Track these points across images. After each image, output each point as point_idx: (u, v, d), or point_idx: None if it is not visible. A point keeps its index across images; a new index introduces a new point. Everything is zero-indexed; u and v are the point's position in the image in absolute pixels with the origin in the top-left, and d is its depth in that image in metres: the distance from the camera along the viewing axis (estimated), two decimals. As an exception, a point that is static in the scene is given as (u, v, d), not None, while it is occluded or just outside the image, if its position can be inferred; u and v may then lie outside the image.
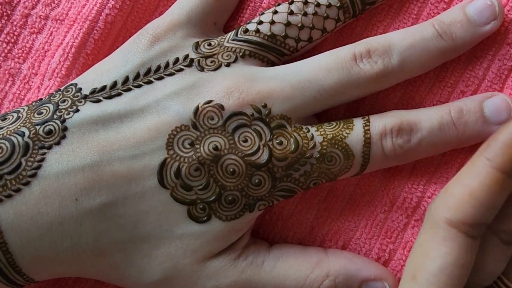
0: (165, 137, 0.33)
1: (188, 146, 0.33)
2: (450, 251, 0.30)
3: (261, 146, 0.33)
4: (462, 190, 0.30)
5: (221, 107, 0.33)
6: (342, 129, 0.34)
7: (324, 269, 0.35)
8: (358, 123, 0.35)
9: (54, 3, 0.40)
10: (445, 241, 0.30)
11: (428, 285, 0.30)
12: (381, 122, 0.35)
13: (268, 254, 0.36)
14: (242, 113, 0.33)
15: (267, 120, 0.34)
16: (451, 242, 0.30)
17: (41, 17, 0.40)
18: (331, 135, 0.34)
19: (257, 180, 0.33)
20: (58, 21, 0.40)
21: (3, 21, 0.40)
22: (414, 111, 0.36)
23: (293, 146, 0.33)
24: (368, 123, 0.35)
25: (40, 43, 0.40)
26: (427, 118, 0.35)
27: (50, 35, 0.40)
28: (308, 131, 0.34)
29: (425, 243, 0.31)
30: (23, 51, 0.40)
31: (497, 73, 0.37)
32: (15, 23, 0.40)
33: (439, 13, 0.37)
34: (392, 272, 0.37)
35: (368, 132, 0.34)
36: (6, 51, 0.40)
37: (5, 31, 0.40)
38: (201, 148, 0.33)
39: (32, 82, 0.39)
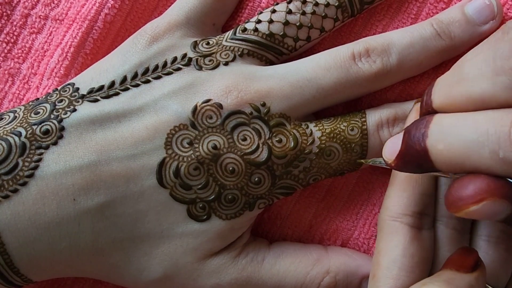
0: (164, 136, 0.32)
1: (187, 145, 0.32)
2: (397, 243, 0.32)
3: (260, 145, 0.33)
4: (392, 189, 0.33)
5: (219, 106, 0.32)
6: (340, 123, 0.34)
7: (325, 266, 0.34)
8: (354, 116, 0.34)
9: (53, 3, 0.40)
10: (392, 236, 0.32)
11: (384, 279, 0.31)
12: (376, 114, 0.34)
13: (268, 252, 0.35)
14: (240, 111, 0.33)
15: (266, 118, 0.33)
16: (397, 235, 0.32)
17: (41, 17, 0.40)
18: (329, 129, 0.34)
19: (256, 179, 0.32)
20: (58, 21, 0.39)
21: (3, 21, 0.40)
22: (409, 102, 0.35)
23: (292, 143, 0.33)
24: (364, 115, 0.34)
25: (40, 43, 0.39)
26: None
27: (50, 35, 0.39)
28: (307, 127, 0.33)
29: (378, 244, 0.33)
30: (22, 51, 0.39)
31: None
32: (14, 23, 0.40)
33: (438, 13, 0.37)
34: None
35: (365, 123, 0.34)
36: (6, 51, 0.39)
37: (4, 31, 0.40)
38: (200, 147, 0.32)
39: (32, 82, 0.39)
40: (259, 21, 0.35)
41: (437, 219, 0.34)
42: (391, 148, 0.29)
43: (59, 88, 0.34)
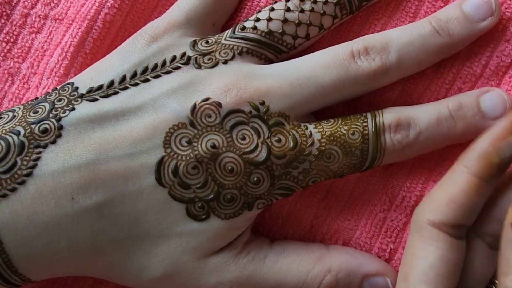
0: (162, 135, 0.31)
1: (186, 144, 0.31)
2: (436, 249, 0.30)
3: (260, 144, 0.32)
4: (443, 194, 0.31)
5: (218, 105, 0.32)
6: (340, 126, 0.33)
7: (326, 264, 0.34)
8: (356, 120, 0.33)
9: (53, 3, 0.39)
10: (430, 240, 0.31)
11: (419, 283, 0.30)
12: (379, 118, 0.34)
13: (270, 250, 0.34)
14: (239, 110, 0.32)
15: (265, 117, 0.32)
16: (436, 241, 0.30)
17: (41, 16, 0.39)
18: (330, 132, 0.33)
19: (255, 178, 0.32)
20: (57, 20, 0.39)
21: (3, 21, 0.39)
22: (412, 107, 0.35)
23: (291, 144, 0.32)
24: (366, 120, 0.33)
25: (39, 43, 0.39)
26: (425, 113, 0.34)
27: (49, 34, 0.39)
28: (307, 128, 0.33)
29: (412, 244, 0.31)
30: (22, 50, 0.39)
31: (494, 70, 0.36)
32: (14, 22, 0.39)
33: (436, 11, 0.36)
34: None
35: (366, 128, 0.33)
36: (5, 50, 0.39)
37: (4, 31, 0.39)
38: (199, 146, 0.31)
39: (31, 81, 0.38)
40: (257, 20, 0.34)
41: (479, 234, 0.32)
42: None
43: (58, 87, 0.34)
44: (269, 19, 0.34)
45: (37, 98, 0.34)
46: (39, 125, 0.31)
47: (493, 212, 0.32)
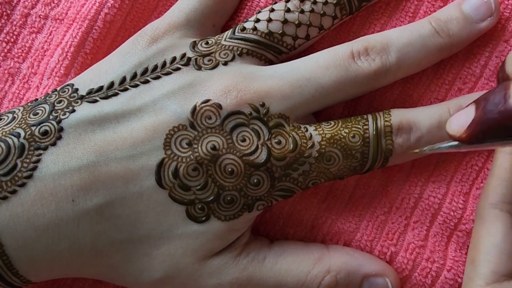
0: (163, 137, 0.31)
1: (186, 146, 0.31)
2: (498, 230, 0.31)
3: (260, 146, 0.32)
4: (493, 178, 0.33)
5: (219, 106, 0.31)
6: (341, 129, 0.33)
7: (326, 265, 0.33)
8: (356, 123, 0.33)
9: (53, 3, 0.39)
10: (492, 223, 0.32)
11: (485, 263, 0.31)
12: (379, 121, 0.33)
13: (269, 251, 0.34)
14: (240, 112, 0.32)
15: (265, 119, 0.32)
16: (497, 222, 0.32)
17: (41, 16, 0.39)
18: (330, 135, 0.32)
19: (255, 180, 0.31)
20: (58, 20, 0.39)
21: (3, 21, 0.39)
22: (414, 110, 0.34)
23: (291, 146, 0.32)
24: (367, 123, 0.33)
25: (40, 43, 0.39)
26: (427, 116, 0.33)
27: (50, 34, 0.39)
28: (307, 130, 0.32)
29: (477, 230, 0.32)
30: (22, 50, 0.39)
31: (494, 70, 0.35)
32: (14, 22, 0.39)
33: (435, 11, 0.36)
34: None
35: (367, 131, 0.33)
36: (5, 50, 0.39)
37: (4, 31, 0.39)
38: (199, 148, 0.31)
39: (32, 81, 0.38)
40: (257, 20, 0.34)
41: None
42: (459, 122, 0.28)
43: (58, 89, 0.33)
44: (269, 20, 0.34)
45: (37, 99, 0.33)
46: (39, 127, 0.31)
47: None
